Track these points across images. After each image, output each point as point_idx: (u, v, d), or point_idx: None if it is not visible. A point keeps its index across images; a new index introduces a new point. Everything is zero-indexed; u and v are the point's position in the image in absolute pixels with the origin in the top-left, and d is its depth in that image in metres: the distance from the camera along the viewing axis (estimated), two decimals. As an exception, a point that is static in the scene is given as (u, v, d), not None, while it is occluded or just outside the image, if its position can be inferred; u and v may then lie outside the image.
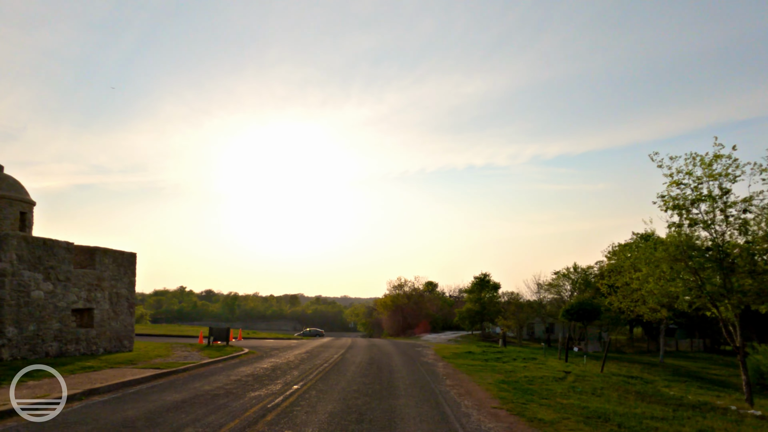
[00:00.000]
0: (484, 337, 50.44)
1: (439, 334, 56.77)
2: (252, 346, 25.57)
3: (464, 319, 52.91)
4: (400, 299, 63.78)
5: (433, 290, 76.08)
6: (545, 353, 29.47)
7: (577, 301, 34.25)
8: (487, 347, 33.46)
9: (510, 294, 51.89)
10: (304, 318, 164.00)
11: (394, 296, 64.79)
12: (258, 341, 31.67)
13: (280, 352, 22.27)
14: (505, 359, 22.93)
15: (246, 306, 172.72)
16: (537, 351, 32.85)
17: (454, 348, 31.69)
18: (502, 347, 35.96)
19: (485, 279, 53.13)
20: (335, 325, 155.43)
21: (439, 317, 65.36)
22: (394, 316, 63.50)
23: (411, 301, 62.93)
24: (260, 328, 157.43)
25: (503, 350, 30.33)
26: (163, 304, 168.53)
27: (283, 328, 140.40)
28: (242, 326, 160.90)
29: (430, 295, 70.97)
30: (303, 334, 65.67)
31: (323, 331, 68.75)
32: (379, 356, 22.22)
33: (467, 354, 25.57)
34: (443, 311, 72.49)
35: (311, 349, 25.29)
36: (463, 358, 23.05)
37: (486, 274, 53.10)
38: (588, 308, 32.90)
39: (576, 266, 57.19)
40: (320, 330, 67.80)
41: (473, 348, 31.33)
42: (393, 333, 62.32)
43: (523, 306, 43.79)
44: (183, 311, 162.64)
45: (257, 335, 38.59)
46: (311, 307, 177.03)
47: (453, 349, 29.61)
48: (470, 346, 33.48)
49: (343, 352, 23.43)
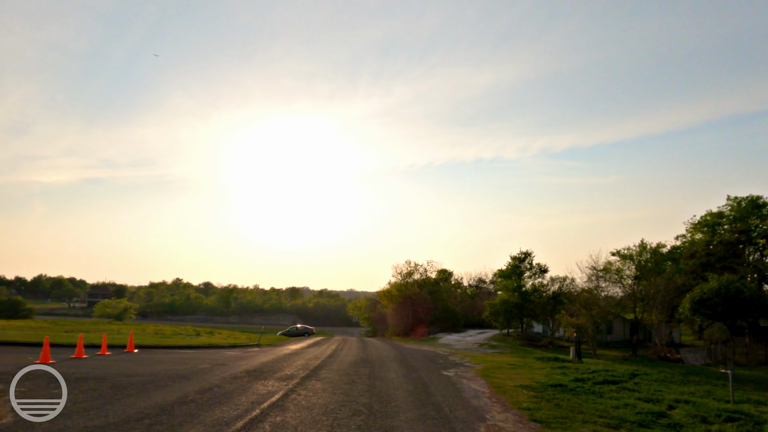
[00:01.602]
0: (527, 339, 36.51)
1: (462, 335, 42.94)
2: (115, 373, 11.88)
3: (497, 314, 39.09)
4: (410, 288, 49.93)
5: (448, 279, 62.03)
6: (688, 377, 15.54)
7: (723, 284, 20.08)
8: (565, 366, 19.69)
9: (562, 280, 37.85)
10: (304, 312, 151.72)
11: (401, 285, 51.02)
12: (165, 354, 18.09)
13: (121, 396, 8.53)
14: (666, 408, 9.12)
15: (243, 299, 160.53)
16: (663, 370, 18.83)
17: (508, 368, 17.92)
18: (576, 361, 22.07)
19: (525, 259, 39.14)
20: (338, 320, 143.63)
21: (460, 312, 51.44)
22: (401, 311, 49.84)
23: (423, 291, 49.06)
24: (256, 322, 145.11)
25: (601, 370, 16.55)
26: (154, 297, 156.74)
27: (281, 322, 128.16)
28: (237, 321, 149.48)
29: (447, 285, 56.92)
30: (287, 333, 52.47)
31: (313, 328, 55.36)
32: (367, 402, 8.42)
33: (558, 390, 11.82)
34: (463, 304, 58.57)
35: (228, 377, 11.49)
36: (567, 407, 9.19)
37: (527, 253, 39.15)
38: (745, 298, 18.83)
39: (644, 244, 43.16)
40: (309, 327, 54.51)
41: (551, 372, 17.59)
42: (400, 332, 48.74)
43: (597, 297, 29.57)
44: (175, 304, 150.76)
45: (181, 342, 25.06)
46: (313, 300, 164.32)
47: (512, 375, 15.82)
48: (534, 365, 19.73)
49: (284, 395, 9.51)
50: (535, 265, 38.95)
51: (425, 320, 47.61)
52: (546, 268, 38.72)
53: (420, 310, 48.35)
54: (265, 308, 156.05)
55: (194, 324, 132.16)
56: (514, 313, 38.17)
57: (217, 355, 18.53)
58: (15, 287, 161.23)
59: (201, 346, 21.94)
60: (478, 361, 20.72)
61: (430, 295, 48.94)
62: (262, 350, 22.69)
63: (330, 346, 27.71)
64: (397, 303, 50.24)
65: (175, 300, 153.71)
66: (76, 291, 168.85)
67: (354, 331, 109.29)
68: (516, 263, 39.32)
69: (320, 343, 31.27)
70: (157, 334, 30.48)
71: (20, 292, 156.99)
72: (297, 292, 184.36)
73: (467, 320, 53.86)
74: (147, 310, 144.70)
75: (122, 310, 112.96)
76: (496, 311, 39.03)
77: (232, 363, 15.26)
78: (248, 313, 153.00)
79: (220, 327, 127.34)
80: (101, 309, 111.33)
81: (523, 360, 21.70)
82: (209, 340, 26.06)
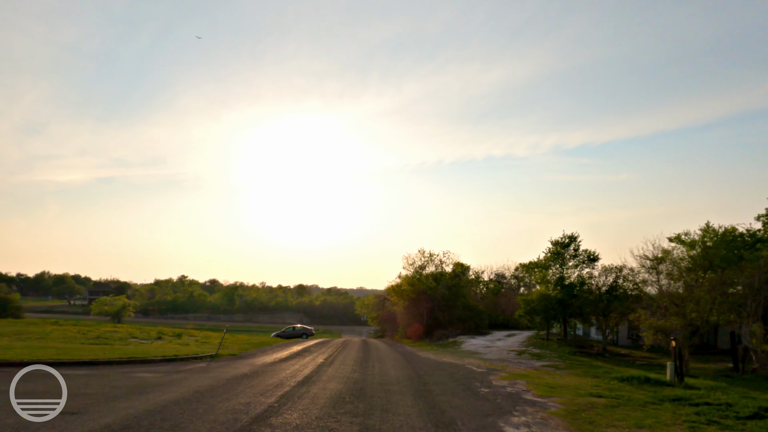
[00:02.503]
0: (576, 345, 28.70)
1: (488, 338, 35.17)
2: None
3: (534, 313, 31.26)
4: (424, 282, 42.10)
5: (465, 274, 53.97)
6: None
7: None
8: (683, 399, 11.95)
9: (618, 270, 29.73)
10: (311, 310, 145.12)
11: (413, 279, 43.29)
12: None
13: None
14: None
15: (248, 297, 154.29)
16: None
17: (603, 407, 10.18)
18: (677, 383, 14.37)
19: (570, 244, 31.17)
20: (346, 318, 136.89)
21: (483, 310, 43.46)
22: (413, 309, 42.25)
23: (440, 286, 41.19)
24: (261, 320, 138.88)
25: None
26: (156, 294, 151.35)
27: (287, 321, 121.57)
28: (242, 319, 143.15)
29: (466, 278, 48.93)
30: (282, 335, 45.28)
31: (312, 329, 48.08)
32: None
33: None
34: (485, 301, 50.70)
35: None
36: None
37: (573, 236, 31.20)
38: None
39: (709, 226, 35.01)
40: (308, 328, 47.24)
41: (687, 415, 9.87)
42: (412, 333, 41.14)
43: (694, 293, 21.27)
44: (177, 302, 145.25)
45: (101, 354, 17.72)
46: (320, 298, 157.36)
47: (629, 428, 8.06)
48: (634, 395, 11.99)
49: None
50: (582, 252, 30.97)
51: (443, 320, 39.92)
52: (596, 256, 30.73)
53: (436, 308, 40.64)
54: (271, 306, 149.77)
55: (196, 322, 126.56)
56: (557, 311, 30.30)
57: (104, 383, 11.20)
58: (16, 284, 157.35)
59: (120, 361, 14.62)
60: (538, 386, 13.11)
61: (449, 291, 41.14)
62: (210, 366, 15.35)
63: (318, 357, 20.30)
64: (408, 300, 42.62)
65: (177, 297, 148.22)
66: (78, 288, 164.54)
67: (363, 331, 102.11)
68: (558, 249, 31.38)
69: (310, 351, 23.90)
70: (98, 338, 23.47)
71: (22, 290, 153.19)
72: (304, 290, 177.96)
73: (492, 320, 46.04)
74: (149, 308, 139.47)
75: (120, 307, 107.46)
76: (532, 309, 31.20)
77: (69, 420, 7.86)
78: (253, 311, 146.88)
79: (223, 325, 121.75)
80: (98, 307, 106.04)
81: (605, 385, 14.00)
82: (152, 348, 18.82)
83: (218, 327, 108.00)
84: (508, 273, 64.69)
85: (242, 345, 25.79)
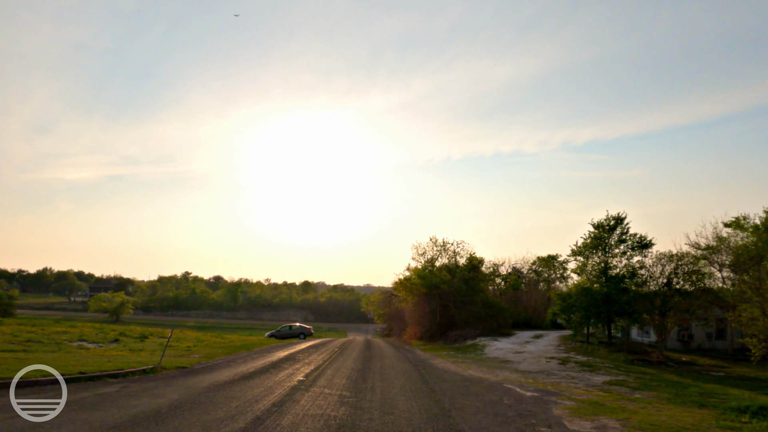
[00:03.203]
0: (629, 351, 23.20)
1: (513, 340, 29.74)
2: None
3: (571, 310, 25.81)
4: (437, 275, 36.54)
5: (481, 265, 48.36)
6: None
7: None
8: None
9: (679, 258, 24.14)
10: (316, 307, 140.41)
11: (424, 271, 37.85)
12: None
13: None
14: None
15: (252, 293, 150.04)
16: None
17: None
18: None
19: (616, 227, 25.61)
20: (352, 316, 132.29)
21: (506, 307, 37.80)
22: (424, 305, 36.92)
23: (456, 279, 35.67)
24: (265, 317, 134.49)
25: None
26: (158, 291, 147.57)
27: (291, 318, 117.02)
28: (245, 316, 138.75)
29: (483, 272, 43.32)
30: (277, 334, 40.28)
31: (311, 327, 43.01)
32: None
33: None
34: (504, 297, 45.22)
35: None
36: None
37: (619, 217, 25.65)
38: None
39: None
40: (307, 327, 42.19)
41: None
42: (422, 333, 35.82)
43: None
44: (179, 299, 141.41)
45: None
46: (326, 294, 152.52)
47: None
48: None
49: None
50: (630, 237, 25.38)
51: (458, 319, 34.51)
52: (649, 241, 25.10)
53: (451, 304, 35.22)
54: (275, 303, 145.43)
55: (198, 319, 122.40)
56: (601, 308, 24.81)
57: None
58: (17, 280, 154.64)
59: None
60: (637, 430, 7.80)
61: (465, 285, 35.72)
62: (104, 395, 10.21)
63: (300, 370, 15.09)
64: (418, 295, 37.29)
65: (179, 294, 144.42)
66: (80, 285, 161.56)
67: (369, 329, 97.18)
68: (601, 233, 25.82)
69: (297, 359, 18.72)
70: (28, 341, 18.54)
71: (22, 286, 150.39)
72: (310, 287, 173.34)
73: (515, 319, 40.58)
74: (150, 305, 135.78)
75: (118, 304, 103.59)
76: (570, 305, 25.74)
77: None
78: (257, 308, 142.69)
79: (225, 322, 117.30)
80: (96, 303, 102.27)
81: (730, 422, 8.65)
82: (81, 358, 13.78)
83: (219, 325, 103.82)
84: (525, 267, 59.08)
85: (213, 349, 20.70)
